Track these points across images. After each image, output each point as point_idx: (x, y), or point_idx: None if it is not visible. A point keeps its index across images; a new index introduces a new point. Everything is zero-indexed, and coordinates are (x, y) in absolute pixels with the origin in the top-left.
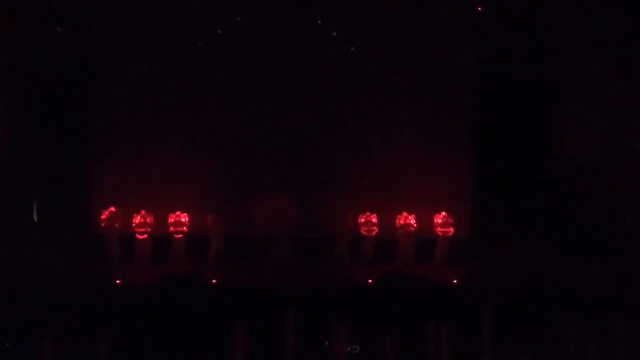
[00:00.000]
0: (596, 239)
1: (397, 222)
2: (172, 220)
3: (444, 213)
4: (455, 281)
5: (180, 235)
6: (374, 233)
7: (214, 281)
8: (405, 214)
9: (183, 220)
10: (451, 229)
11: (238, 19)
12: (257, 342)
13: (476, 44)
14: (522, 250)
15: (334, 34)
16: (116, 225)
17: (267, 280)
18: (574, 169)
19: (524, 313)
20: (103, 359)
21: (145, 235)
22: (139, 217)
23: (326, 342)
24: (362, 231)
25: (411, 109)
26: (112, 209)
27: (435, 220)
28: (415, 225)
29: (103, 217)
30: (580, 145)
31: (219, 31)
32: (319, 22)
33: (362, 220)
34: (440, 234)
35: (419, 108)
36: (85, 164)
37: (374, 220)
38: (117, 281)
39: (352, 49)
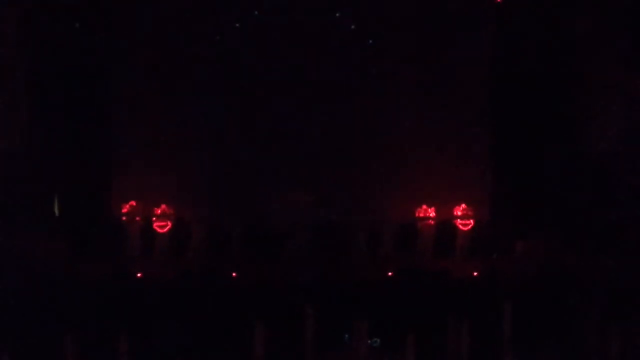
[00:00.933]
0: (618, 232)
1: (416, 214)
2: (192, 214)
3: (463, 205)
4: (475, 274)
5: (200, 229)
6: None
7: (233, 275)
8: (424, 206)
9: (203, 214)
10: (471, 221)
11: (256, 12)
12: (277, 335)
13: (496, 35)
14: (542, 243)
15: (352, 27)
16: (136, 219)
17: (286, 273)
18: (594, 162)
19: (544, 306)
20: (123, 352)
21: (166, 229)
22: (159, 211)
23: (346, 335)
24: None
25: (431, 102)
26: (133, 202)
27: (454, 213)
28: (434, 217)
29: (124, 210)
30: (601, 137)
31: (236, 25)
32: (337, 15)
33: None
34: (459, 226)
35: (438, 101)
36: (107, 159)
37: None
38: (138, 274)
39: (370, 42)
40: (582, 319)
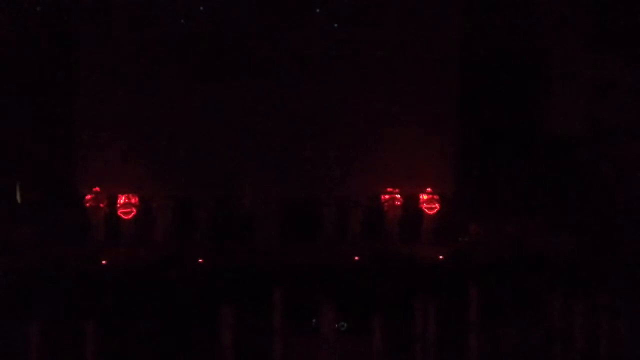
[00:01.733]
0: (581, 214)
1: (382, 198)
2: (157, 200)
3: (429, 190)
4: (441, 257)
5: (165, 215)
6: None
7: (200, 260)
8: (390, 190)
9: (168, 200)
10: (436, 205)
11: None
12: (244, 320)
13: (462, 20)
14: (507, 226)
15: (317, 10)
16: (101, 205)
17: (254, 258)
18: (559, 145)
19: (509, 288)
20: (91, 339)
21: (130, 216)
22: (123, 198)
23: (314, 320)
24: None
25: (396, 87)
26: (97, 189)
27: (420, 198)
28: (400, 201)
29: (87, 197)
30: (565, 122)
31: (201, 8)
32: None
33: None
34: (425, 210)
35: (404, 86)
36: (70, 145)
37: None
38: (103, 261)
39: (335, 25)
40: (546, 298)
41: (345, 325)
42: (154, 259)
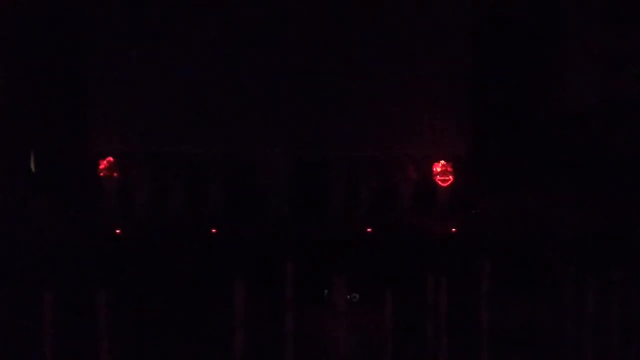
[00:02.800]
0: (596, 188)
1: (395, 170)
2: (169, 171)
3: (442, 162)
4: (454, 230)
5: (178, 185)
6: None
7: (213, 231)
8: (403, 161)
9: (181, 170)
10: (450, 177)
11: None
12: (257, 292)
13: None
14: (521, 199)
15: None
16: (114, 174)
17: (267, 230)
18: (573, 117)
19: (522, 262)
20: (103, 310)
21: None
22: (137, 168)
23: (325, 291)
24: None
25: (407, 57)
26: (110, 158)
27: (434, 169)
28: (414, 173)
29: (101, 166)
30: (580, 93)
31: None
32: None
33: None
34: (438, 182)
35: (416, 56)
36: (83, 111)
37: None
38: (117, 231)
39: None
40: (559, 273)
41: (357, 296)
42: (168, 230)
